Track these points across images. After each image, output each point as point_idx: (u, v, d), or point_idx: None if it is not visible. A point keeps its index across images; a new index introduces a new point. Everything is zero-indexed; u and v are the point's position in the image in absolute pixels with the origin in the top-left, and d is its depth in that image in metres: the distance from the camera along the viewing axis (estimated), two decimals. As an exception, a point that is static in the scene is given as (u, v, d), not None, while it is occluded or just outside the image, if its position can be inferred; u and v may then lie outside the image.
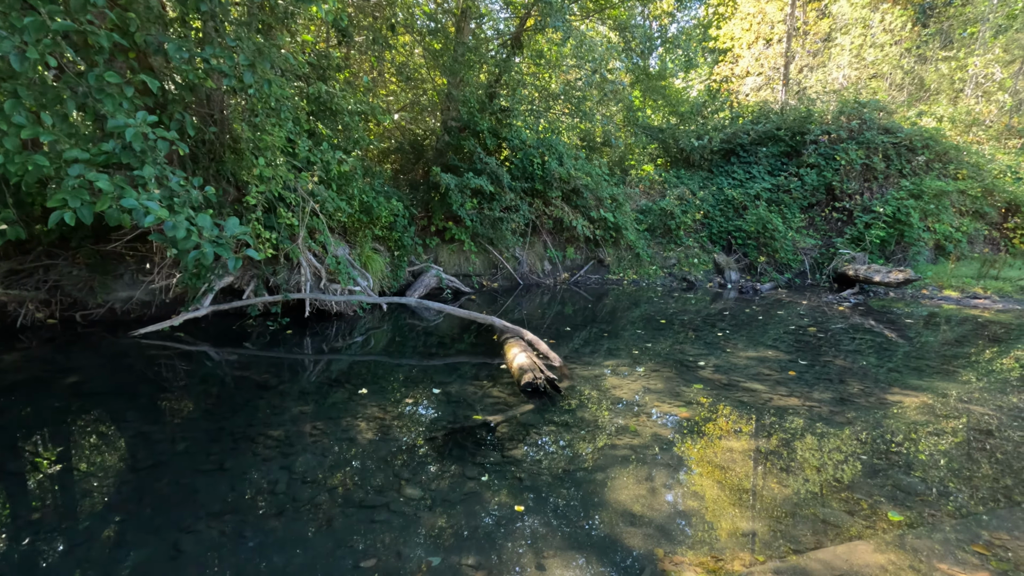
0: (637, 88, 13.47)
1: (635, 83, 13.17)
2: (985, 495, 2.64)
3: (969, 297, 8.46)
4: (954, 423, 3.58)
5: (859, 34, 15.56)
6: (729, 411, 3.78)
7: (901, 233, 9.91)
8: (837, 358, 5.11)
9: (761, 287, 9.16)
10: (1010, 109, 14.48)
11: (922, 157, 10.69)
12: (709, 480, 2.79)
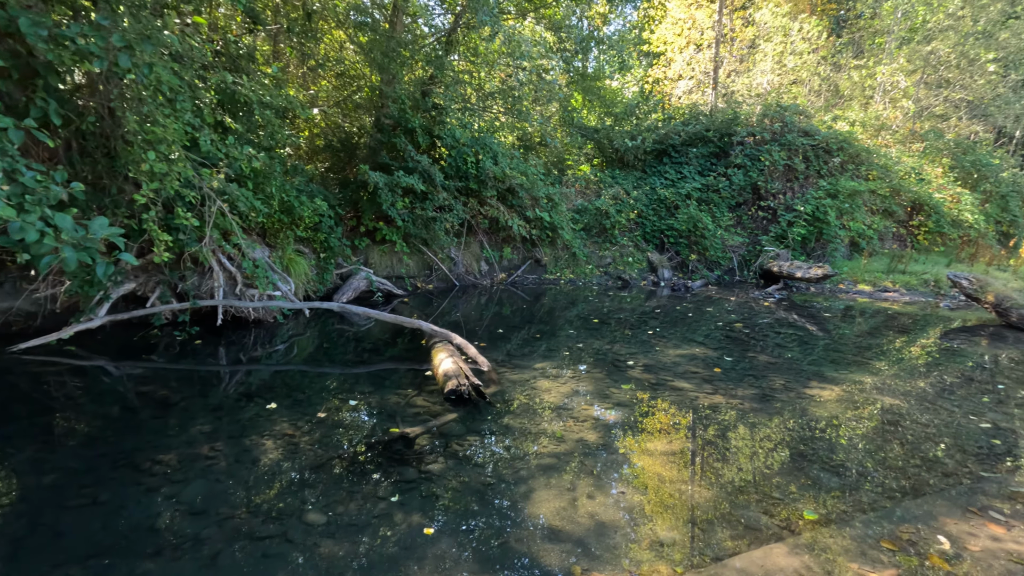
0: (575, 89, 13.56)
1: (571, 83, 13.24)
2: (895, 486, 2.70)
3: (880, 290, 8.99)
4: (868, 413, 3.69)
5: (780, 42, 16.32)
6: (656, 412, 3.75)
7: (820, 231, 10.43)
8: (761, 353, 5.24)
9: (692, 284, 9.38)
10: (913, 115, 15.60)
11: (837, 159, 11.30)
12: (632, 487, 2.71)
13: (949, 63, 15.52)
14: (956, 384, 4.38)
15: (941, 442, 3.23)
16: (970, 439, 3.26)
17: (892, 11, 15.72)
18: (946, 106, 16.35)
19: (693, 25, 18.36)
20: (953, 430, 3.41)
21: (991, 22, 15.23)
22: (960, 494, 2.59)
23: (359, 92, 9.89)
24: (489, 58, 10.15)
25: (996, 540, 2.20)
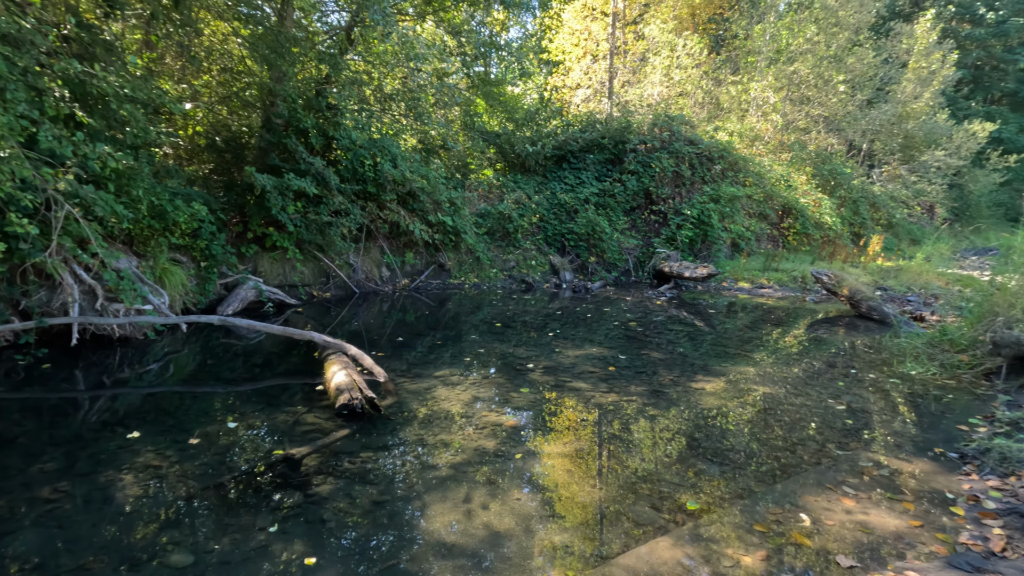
0: (476, 94, 13.59)
1: (472, 88, 13.26)
2: (767, 470, 2.92)
3: (757, 287, 9.84)
4: (748, 402, 3.98)
5: (667, 56, 17.43)
6: (553, 414, 3.80)
7: (705, 233, 11.23)
8: (654, 350, 5.51)
9: (592, 286, 9.72)
10: (781, 128, 17.30)
11: (718, 166, 12.25)
12: (529, 492, 2.71)
13: (809, 82, 17.37)
14: (821, 370, 4.86)
15: (807, 425, 3.55)
16: (829, 421, 3.62)
17: (761, 33, 17.32)
18: (808, 121, 18.29)
19: (589, 36, 19.13)
20: (817, 413, 3.76)
21: (840, 48, 17.27)
22: (820, 473, 2.86)
23: (248, 89, 9.24)
24: (387, 59, 9.90)
25: (848, 513, 2.43)
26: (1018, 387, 4.05)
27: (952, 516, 2.38)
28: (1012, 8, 28.38)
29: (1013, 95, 29.64)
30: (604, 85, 18.43)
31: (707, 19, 20.72)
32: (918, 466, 2.91)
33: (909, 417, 3.68)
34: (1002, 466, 2.70)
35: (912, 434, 3.36)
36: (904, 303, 8.16)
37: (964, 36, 28.40)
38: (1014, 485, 2.52)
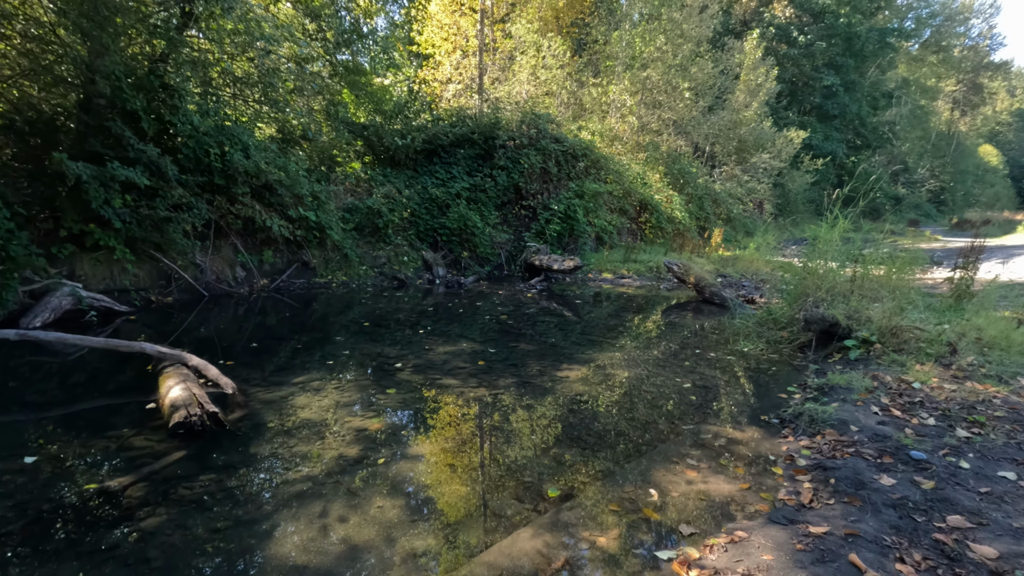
0: (340, 83, 12.91)
1: (335, 77, 12.57)
2: (623, 450, 3.10)
3: (619, 277, 10.53)
4: (608, 386, 4.20)
5: (533, 56, 17.95)
6: (419, 414, 3.71)
7: (572, 227, 11.77)
8: (524, 342, 5.62)
9: (465, 281, 9.73)
10: (637, 129, 18.68)
11: (582, 164, 12.89)
12: (389, 498, 2.59)
13: (659, 88, 18.94)
14: (672, 351, 5.29)
15: (661, 404, 3.83)
16: (679, 398, 3.94)
17: (618, 40, 18.50)
18: (660, 124, 19.93)
19: (458, 31, 19.08)
20: (669, 392, 4.08)
21: (685, 58, 19.02)
22: (669, 448, 3.08)
23: (62, 63, 7.84)
24: (234, 39, 9.00)
25: (691, 483, 2.65)
26: (824, 357, 4.74)
27: (773, 476, 2.69)
28: (817, 34, 33.33)
29: (820, 108, 34.88)
30: (474, 81, 18.53)
31: (570, 23, 21.69)
32: (748, 433, 3.26)
33: (742, 390, 4.14)
34: (811, 427, 3.12)
35: (744, 405, 3.77)
36: (739, 288, 9.22)
37: (782, 55, 32.79)
38: (819, 443, 2.91)
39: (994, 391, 3.46)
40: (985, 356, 4.11)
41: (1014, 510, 2.18)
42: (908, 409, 3.26)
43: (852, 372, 4.00)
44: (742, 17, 34.32)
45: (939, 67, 52.28)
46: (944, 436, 2.87)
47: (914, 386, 3.60)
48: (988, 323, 4.66)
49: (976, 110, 60.83)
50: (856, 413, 3.20)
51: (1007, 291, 6.56)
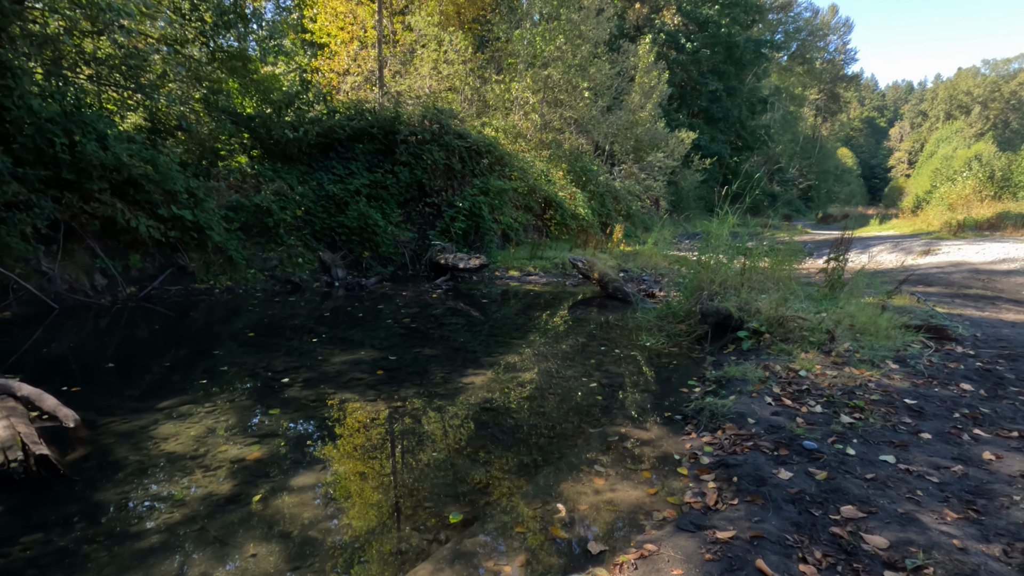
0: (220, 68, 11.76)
1: (213, 61, 11.43)
2: (529, 462, 2.94)
3: (526, 275, 10.51)
4: (515, 390, 4.04)
5: (434, 50, 17.55)
6: (307, 436, 3.33)
7: (477, 225, 11.59)
8: (428, 346, 5.34)
9: (366, 282, 9.23)
10: (540, 127, 18.89)
11: (486, 160, 12.74)
12: (265, 543, 2.24)
13: (560, 87, 19.27)
14: (577, 350, 5.26)
15: (566, 407, 3.73)
16: (584, 399, 3.87)
17: (520, 38, 18.56)
18: (562, 122, 20.30)
19: (355, 21, 18.23)
20: (574, 394, 4.00)
21: (584, 58, 19.50)
22: (576, 455, 2.97)
23: None
24: (81, 11, 7.82)
25: (598, 492, 2.54)
26: (720, 349, 4.91)
27: (679, 477, 2.65)
28: (703, 42, 35.69)
29: (706, 111, 37.42)
30: (374, 74, 17.80)
31: (472, 19, 21.44)
32: (653, 432, 3.23)
33: (646, 386, 4.16)
34: (712, 422, 3.14)
35: (648, 402, 3.77)
36: (640, 282, 9.52)
37: (672, 60, 34.75)
38: (721, 438, 2.93)
39: (868, 375, 3.71)
40: (858, 342, 4.44)
41: (897, 495, 2.27)
42: (797, 398, 3.39)
43: (746, 363, 4.14)
44: (635, 22, 35.94)
45: (804, 77, 58.17)
46: (831, 423, 2.99)
47: (801, 374, 3.79)
48: (859, 310, 5.07)
49: (834, 117, 68.37)
50: (752, 405, 3.27)
51: (871, 279, 7.24)
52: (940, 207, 24.87)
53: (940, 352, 4.41)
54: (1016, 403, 3.34)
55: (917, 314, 5.79)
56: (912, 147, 77.53)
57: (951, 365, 4.07)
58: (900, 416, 3.08)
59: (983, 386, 3.63)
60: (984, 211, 21.13)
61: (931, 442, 2.78)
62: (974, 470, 2.48)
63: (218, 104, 10.86)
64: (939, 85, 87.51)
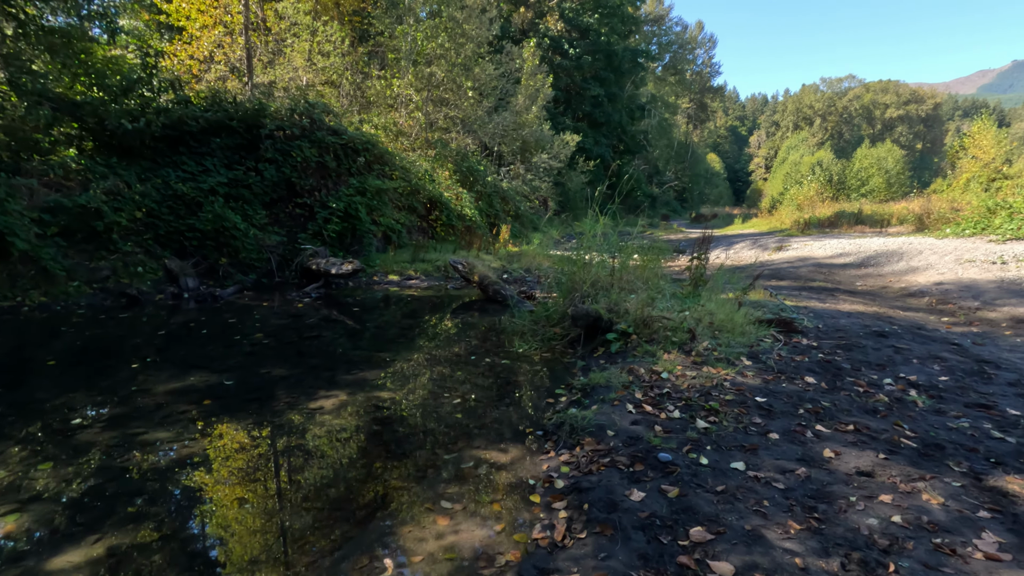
0: (36, 44, 9.97)
1: (24, 35, 9.65)
2: (368, 501, 2.55)
3: (406, 279, 10.01)
4: (368, 416, 3.60)
5: (307, 39, 16.39)
6: (88, 496, 2.66)
7: (354, 226, 10.88)
8: (278, 366, 4.72)
9: (223, 292, 8.23)
10: (425, 126, 18.36)
11: (363, 158, 12.03)
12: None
13: (445, 86, 18.88)
14: (446, 361, 4.92)
15: (421, 432, 3.37)
16: (443, 419, 3.53)
17: (403, 34, 17.89)
18: (447, 121, 19.94)
19: (218, 4, 16.54)
20: (433, 414, 3.65)
21: (468, 58, 19.27)
22: (421, 490, 2.62)
23: None
24: None
25: (440, 537, 2.21)
26: (590, 352, 4.81)
27: (531, 507, 2.40)
28: (585, 49, 37.05)
29: (590, 115, 38.94)
30: (242, 62, 16.29)
31: (352, 11, 20.36)
32: (512, 453, 2.97)
33: (512, 399, 3.91)
34: (572, 437, 2.94)
35: (512, 417, 3.52)
36: (522, 284, 9.42)
37: (556, 65, 35.72)
38: (579, 456, 2.73)
39: (724, 374, 3.75)
40: (717, 339, 4.54)
41: (745, 508, 2.18)
42: (658, 403, 3.31)
43: (611, 368, 4.05)
44: (521, 26, 36.48)
45: (676, 87, 62.77)
46: (687, 430, 2.91)
47: (663, 376, 3.74)
48: (718, 307, 5.24)
49: (703, 124, 74.58)
50: (613, 415, 3.13)
51: (731, 275, 7.66)
52: (791, 207, 27.80)
53: (788, 345, 4.63)
54: (852, 394, 3.51)
55: (769, 308, 6.15)
56: (768, 153, 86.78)
57: (797, 358, 4.26)
58: (751, 416, 3.08)
59: (824, 378, 3.81)
60: (825, 210, 23.90)
61: (778, 442, 2.78)
62: (816, 471, 2.48)
63: (28, 86, 9.16)
64: (788, 99, 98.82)
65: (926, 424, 3.03)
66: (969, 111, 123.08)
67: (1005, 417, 3.17)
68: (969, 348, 4.88)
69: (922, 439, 2.82)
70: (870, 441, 2.79)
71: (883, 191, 37.25)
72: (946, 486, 2.33)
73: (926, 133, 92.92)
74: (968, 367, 4.21)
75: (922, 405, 3.33)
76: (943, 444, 2.75)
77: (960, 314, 6.65)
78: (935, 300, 7.52)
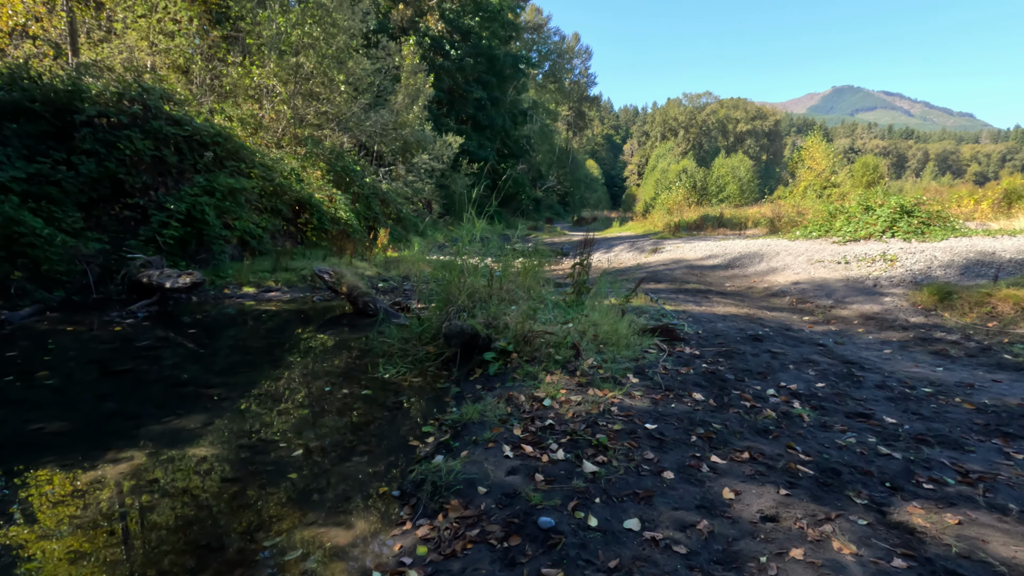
0: None
1: None
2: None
3: (264, 291, 8.78)
4: (175, 480, 2.70)
5: (142, 15, 14.20)
6: None
7: (200, 232, 9.39)
8: (52, 418, 3.56)
9: (13, 316, 6.53)
10: (293, 120, 16.76)
11: (212, 153, 10.50)
12: None
13: (315, 79, 17.41)
14: (292, 397, 4.08)
15: (243, 505, 2.57)
16: (275, 483, 2.76)
17: (266, 20, 16.16)
18: (320, 117, 18.44)
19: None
20: (264, 475, 2.85)
21: (340, 50, 17.94)
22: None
23: None
24: None
25: None
26: (467, 375, 4.24)
27: (369, 619, 1.75)
28: (466, 51, 36.73)
29: (474, 118, 38.70)
30: (65, 37, 13.69)
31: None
32: (357, 528, 2.30)
33: (367, 445, 3.21)
34: (434, 500, 2.34)
35: (362, 474, 2.83)
36: (400, 293, 8.65)
37: (439, 66, 35.02)
38: (441, 527, 2.13)
39: (611, 396, 3.36)
40: (602, 354, 4.20)
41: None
42: (540, 440, 2.82)
43: (488, 397, 3.51)
44: (400, 23, 35.30)
45: (556, 95, 64.84)
46: (572, 476, 2.44)
47: (545, 404, 3.27)
48: (602, 316, 4.93)
49: (582, 132, 77.87)
50: (486, 463, 2.57)
51: (613, 279, 7.54)
52: (662, 211, 29.57)
53: (673, 356, 4.42)
54: (740, 411, 3.28)
55: (651, 314, 6.02)
56: (640, 161, 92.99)
57: (683, 371, 4.03)
58: (643, 451, 2.69)
59: (711, 393, 3.57)
60: (692, 214, 25.64)
61: (674, 484, 2.39)
62: (719, 522, 2.10)
63: None
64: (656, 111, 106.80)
65: (817, 444, 2.83)
66: (802, 128, 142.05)
67: (884, 427, 3.09)
68: (834, 349, 5.02)
69: (817, 463, 2.59)
70: (768, 472, 2.50)
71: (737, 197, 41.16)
72: (853, 527, 2.06)
73: (769, 146, 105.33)
74: (838, 370, 4.24)
75: (808, 420, 3.18)
76: (838, 468, 2.54)
77: (818, 312, 7.04)
78: (795, 299, 7.97)
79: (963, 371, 4.40)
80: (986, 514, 2.18)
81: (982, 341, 5.36)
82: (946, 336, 5.61)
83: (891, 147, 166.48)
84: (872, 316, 6.62)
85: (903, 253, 8.92)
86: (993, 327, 5.81)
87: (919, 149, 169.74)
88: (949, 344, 5.31)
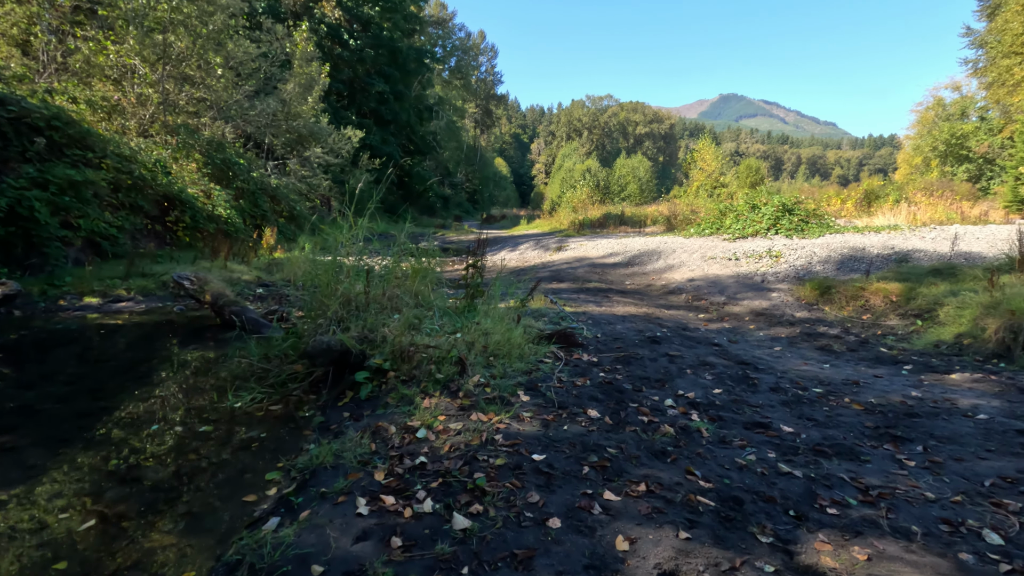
0: None
1: None
2: None
3: (113, 301, 7.51)
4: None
5: (-42, -28, 11.89)
6: None
7: (28, 232, 7.87)
8: None
9: None
10: (162, 106, 14.90)
11: (45, 139, 8.89)
12: None
13: (189, 61, 15.60)
14: (122, 429, 3.27)
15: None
16: (64, 565, 2.04)
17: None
18: (196, 104, 16.59)
19: None
20: (50, 552, 2.12)
21: (219, 30, 16.23)
22: None
23: None
24: None
25: None
26: (336, 399, 3.63)
27: None
28: (367, 42, 35.14)
29: (376, 112, 37.15)
30: None
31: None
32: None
33: (191, 504, 2.53)
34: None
35: (169, 552, 2.16)
36: (280, 300, 7.75)
37: (336, 55, 33.21)
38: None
39: (496, 421, 2.93)
40: (492, 368, 3.76)
41: None
42: (405, 487, 2.31)
43: (351, 430, 2.94)
44: (293, 7, 33.08)
45: (463, 92, 64.26)
46: (438, 538, 1.96)
47: (419, 436, 2.77)
48: (495, 323, 4.50)
49: (490, 130, 77.96)
50: (329, 527, 2.03)
51: (512, 279, 7.18)
52: (568, 209, 30.01)
53: (569, 365, 4.09)
54: (637, 428, 2.97)
55: (551, 317, 5.70)
56: (547, 160, 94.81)
57: (579, 382, 3.69)
58: (527, 492, 2.27)
59: (608, 408, 3.25)
60: (595, 212, 26.20)
61: (561, 536, 1.99)
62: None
63: None
64: (561, 111, 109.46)
65: (717, 466, 2.57)
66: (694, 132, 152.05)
67: (783, 438, 2.92)
68: (728, 348, 4.95)
69: (718, 492, 2.31)
70: (666, 508, 2.17)
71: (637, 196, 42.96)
72: (760, 575, 1.76)
73: (665, 148, 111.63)
74: (734, 373, 4.12)
75: (707, 435, 2.93)
76: (740, 497, 2.27)
77: (712, 310, 7.11)
78: (691, 296, 8.06)
79: (847, 367, 4.46)
80: (892, 542, 1.98)
81: (860, 334, 5.57)
82: (828, 330, 5.79)
83: (770, 151, 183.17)
84: (762, 312, 6.77)
85: (786, 249, 9.37)
86: (867, 320, 6.09)
87: (793, 153, 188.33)
88: (832, 339, 5.46)
